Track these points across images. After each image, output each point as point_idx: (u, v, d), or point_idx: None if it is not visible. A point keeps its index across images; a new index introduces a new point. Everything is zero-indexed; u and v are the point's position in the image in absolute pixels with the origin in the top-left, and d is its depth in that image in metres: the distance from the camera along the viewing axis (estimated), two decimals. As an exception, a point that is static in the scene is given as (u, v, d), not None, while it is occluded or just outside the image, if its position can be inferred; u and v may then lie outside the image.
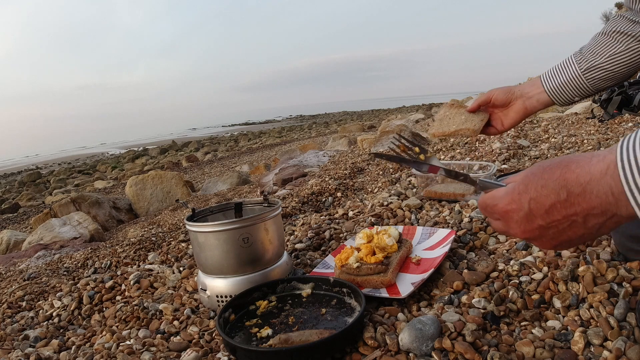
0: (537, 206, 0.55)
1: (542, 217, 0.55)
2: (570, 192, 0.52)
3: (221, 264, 0.90)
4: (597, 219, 0.52)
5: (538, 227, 0.56)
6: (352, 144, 5.58)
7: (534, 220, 0.56)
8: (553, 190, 0.54)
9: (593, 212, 0.51)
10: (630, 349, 0.58)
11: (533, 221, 0.56)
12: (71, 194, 7.15)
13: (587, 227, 0.53)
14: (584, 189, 0.51)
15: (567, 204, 0.53)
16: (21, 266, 2.13)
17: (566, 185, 0.52)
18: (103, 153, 26.87)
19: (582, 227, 0.53)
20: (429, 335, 0.65)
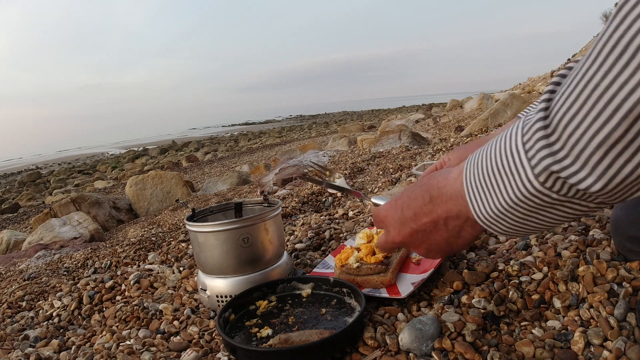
0: (408, 210, 0.60)
1: (413, 220, 0.60)
2: (432, 196, 0.57)
3: (221, 264, 0.90)
4: (455, 221, 0.56)
5: (410, 231, 0.61)
6: (352, 144, 5.58)
7: (407, 224, 0.61)
8: (419, 195, 0.59)
9: (451, 214, 0.55)
10: (630, 349, 0.58)
11: (406, 225, 0.61)
12: (71, 194, 7.15)
13: (449, 230, 0.57)
14: (441, 192, 0.56)
15: (431, 207, 0.57)
16: (21, 266, 2.13)
17: (429, 190, 0.57)
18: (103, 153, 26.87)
19: (444, 230, 0.58)
20: (429, 335, 0.65)
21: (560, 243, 0.87)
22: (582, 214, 0.44)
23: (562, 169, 0.39)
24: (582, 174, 0.39)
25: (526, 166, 0.42)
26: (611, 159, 0.37)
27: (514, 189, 0.44)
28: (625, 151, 0.36)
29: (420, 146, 3.29)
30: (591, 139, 0.37)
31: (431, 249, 0.62)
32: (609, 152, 0.37)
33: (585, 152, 0.38)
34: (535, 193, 0.42)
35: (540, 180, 0.41)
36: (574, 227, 0.96)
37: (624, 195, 0.39)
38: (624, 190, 0.39)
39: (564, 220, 0.45)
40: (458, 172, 0.53)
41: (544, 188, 0.41)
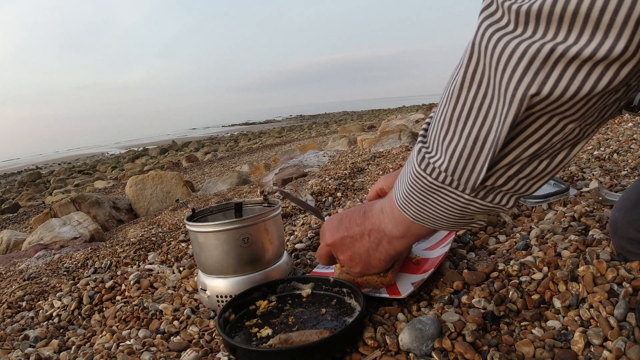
0: (346, 219, 0.72)
1: (346, 227, 0.71)
2: (366, 211, 0.70)
3: (221, 264, 0.90)
4: (376, 234, 0.68)
5: (342, 236, 0.72)
6: (352, 144, 5.58)
7: (340, 230, 0.72)
8: (358, 210, 0.72)
9: (374, 226, 0.67)
10: (630, 349, 0.58)
11: (340, 230, 0.72)
12: (71, 194, 7.15)
13: (371, 241, 0.69)
14: (372, 209, 0.69)
15: (362, 219, 0.69)
16: (21, 266, 2.13)
17: (365, 207, 0.70)
18: (103, 153, 26.87)
19: (367, 240, 0.69)
20: (429, 335, 0.65)
21: (560, 243, 0.87)
22: (465, 208, 0.53)
23: (427, 151, 0.52)
24: (437, 154, 0.51)
25: (414, 155, 0.55)
26: (449, 135, 0.49)
27: (409, 172, 0.56)
28: (456, 127, 0.48)
29: (420, 146, 3.29)
30: (437, 122, 0.50)
31: (354, 257, 0.72)
32: (447, 130, 0.49)
33: (434, 133, 0.51)
34: (417, 174, 0.54)
35: (418, 161, 0.53)
36: (574, 227, 0.96)
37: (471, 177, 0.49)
38: (467, 170, 0.48)
39: (455, 214, 0.55)
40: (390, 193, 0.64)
41: (421, 169, 0.53)
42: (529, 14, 0.37)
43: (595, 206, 1.06)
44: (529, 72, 0.39)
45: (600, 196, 1.07)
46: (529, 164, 0.48)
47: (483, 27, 0.42)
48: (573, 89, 0.38)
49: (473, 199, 0.51)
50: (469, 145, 0.47)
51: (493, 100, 0.44)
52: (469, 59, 0.44)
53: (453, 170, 0.49)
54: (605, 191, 1.07)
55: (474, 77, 0.45)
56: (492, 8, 0.41)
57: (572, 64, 0.37)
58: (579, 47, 0.36)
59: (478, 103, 0.45)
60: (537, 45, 0.38)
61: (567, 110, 0.41)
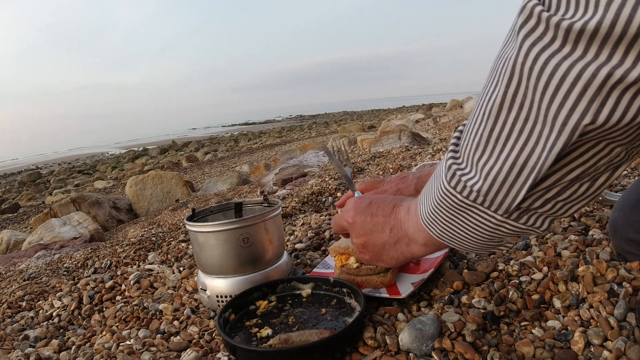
0: (374, 205, 0.70)
1: (372, 213, 0.70)
2: (396, 205, 0.68)
3: (221, 264, 0.90)
4: (398, 231, 0.66)
5: (363, 219, 0.71)
6: (352, 144, 5.58)
7: (366, 212, 0.71)
8: (389, 200, 0.69)
9: (397, 223, 0.66)
10: (630, 349, 0.58)
11: (364, 212, 0.71)
12: (71, 194, 7.15)
13: (390, 236, 0.67)
14: (401, 204, 0.67)
15: (390, 212, 0.68)
16: (21, 266, 2.13)
17: (397, 199, 0.68)
18: (103, 153, 26.88)
19: (387, 234, 0.68)
20: (429, 335, 0.65)
21: (560, 243, 0.87)
22: (496, 229, 0.51)
23: (459, 169, 0.50)
24: (471, 173, 0.48)
25: (444, 171, 0.52)
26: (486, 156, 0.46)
27: (437, 188, 0.54)
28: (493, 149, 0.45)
29: (420, 146, 3.29)
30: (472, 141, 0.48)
31: (367, 245, 0.71)
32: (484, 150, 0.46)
33: (469, 152, 0.48)
34: (446, 192, 0.51)
35: (448, 178, 0.51)
36: (574, 227, 0.96)
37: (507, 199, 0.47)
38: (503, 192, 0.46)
39: (484, 235, 0.53)
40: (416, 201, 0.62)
41: (450, 187, 0.51)
42: (582, 32, 0.35)
43: (595, 206, 1.06)
44: (583, 99, 0.37)
45: (600, 196, 1.07)
46: (569, 187, 0.46)
47: (526, 45, 0.38)
48: (630, 115, 0.36)
49: (505, 220, 0.49)
50: (507, 169, 0.45)
51: (536, 125, 0.41)
52: (510, 79, 0.41)
53: (487, 191, 0.47)
54: (605, 191, 1.07)
55: (515, 99, 0.42)
56: (531, 22, 0.38)
57: (630, 90, 0.35)
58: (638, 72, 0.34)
59: (519, 126, 0.43)
60: (591, 69, 0.35)
61: (619, 136, 0.39)
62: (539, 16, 0.37)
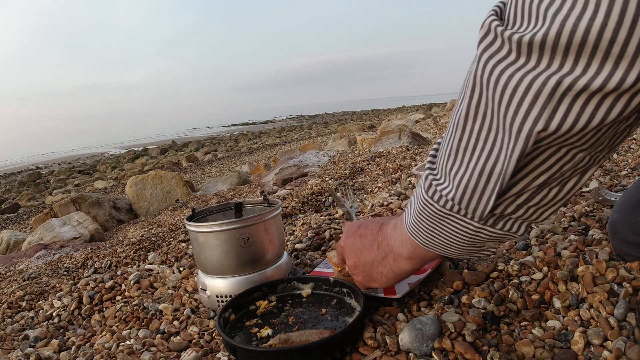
0: (362, 226, 0.73)
1: (361, 235, 0.72)
2: (382, 224, 0.70)
3: (221, 264, 0.90)
4: (385, 247, 0.67)
5: (353, 240, 0.73)
6: (352, 144, 5.58)
7: (355, 234, 0.73)
8: (377, 221, 0.72)
9: (384, 240, 0.68)
10: (630, 349, 0.58)
11: (354, 235, 0.74)
12: (71, 194, 7.15)
13: (378, 253, 0.69)
14: (388, 222, 0.69)
15: (377, 230, 0.70)
16: (21, 266, 2.13)
17: (383, 219, 0.71)
18: (103, 153, 26.87)
19: (376, 252, 0.69)
20: (429, 335, 0.65)
21: (560, 243, 0.87)
22: (475, 235, 0.53)
23: (434, 179, 0.52)
24: (445, 183, 0.50)
25: (422, 181, 0.55)
26: (457, 165, 0.48)
27: (418, 199, 0.56)
28: (463, 158, 0.47)
29: (420, 146, 3.29)
30: (444, 151, 0.50)
31: (358, 265, 0.73)
32: (454, 160, 0.48)
33: (442, 162, 0.51)
34: (424, 201, 0.54)
35: (425, 188, 0.53)
36: (574, 227, 0.96)
37: (479, 206, 0.48)
38: (475, 200, 0.48)
39: (465, 241, 0.55)
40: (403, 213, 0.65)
41: (428, 197, 0.53)
42: (531, 44, 0.36)
43: (595, 206, 1.06)
44: (534, 107, 0.38)
45: (600, 196, 1.07)
46: (539, 192, 0.47)
47: (484, 58, 0.40)
48: (582, 122, 0.37)
49: (482, 227, 0.51)
50: (476, 177, 0.46)
51: (498, 133, 0.43)
52: (472, 91, 0.43)
53: (460, 199, 0.49)
54: (605, 191, 1.07)
55: (478, 110, 0.44)
56: (489, 37, 0.40)
57: (580, 97, 0.36)
58: (587, 79, 0.34)
59: (484, 135, 0.45)
60: (542, 79, 0.36)
61: (577, 141, 0.40)
62: (495, 31, 0.39)
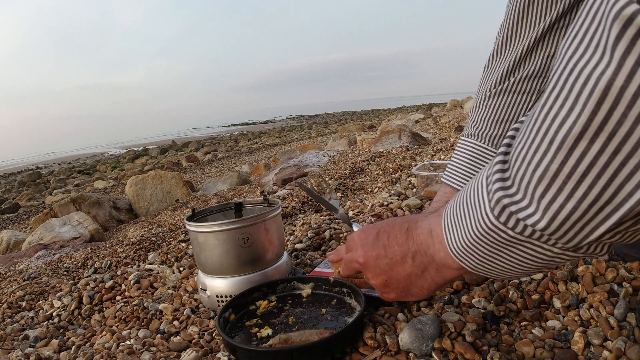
0: (384, 235, 0.60)
1: (384, 245, 0.60)
2: (409, 228, 0.58)
3: (221, 264, 0.90)
4: (422, 257, 0.56)
5: (377, 255, 0.60)
6: (352, 144, 5.58)
7: (377, 247, 0.60)
8: (398, 224, 0.60)
9: (420, 248, 0.56)
10: (630, 349, 0.58)
11: (375, 247, 0.61)
12: (71, 194, 7.15)
13: (415, 265, 0.57)
14: (417, 226, 0.57)
15: (405, 237, 0.58)
16: (21, 266, 2.13)
17: (408, 222, 0.59)
18: (103, 153, 26.87)
19: (411, 265, 0.57)
20: (429, 335, 0.65)
21: (560, 243, 0.87)
22: (551, 260, 0.44)
23: (511, 202, 0.40)
24: (530, 209, 0.40)
25: (485, 200, 0.43)
26: (553, 193, 0.38)
27: (476, 221, 0.45)
28: (565, 185, 0.37)
29: (420, 146, 3.29)
30: (533, 173, 0.38)
31: (390, 283, 0.61)
32: (550, 186, 0.38)
33: (529, 186, 0.39)
34: (492, 227, 0.43)
35: (495, 214, 0.42)
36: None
37: (577, 237, 0.39)
38: (575, 231, 0.39)
39: (536, 266, 0.46)
40: (436, 214, 0.54)
41: (499, 223, 0.42)
42: None
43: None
44: None
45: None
46: None
47: (630, 64, 0.31)
48: None
49: (564, 252, 0.42)
50: (584, 207, 0.37)
51: (631, 158, 0.34)
52: (599, 103, 0.33)
53: (554, 230, 0.39)
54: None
55: (604, 128, 0.34)
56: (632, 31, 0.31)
57: None
58: None
59: (604, 160, 0.35)
60: None
61: None
62: None
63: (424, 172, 1.49)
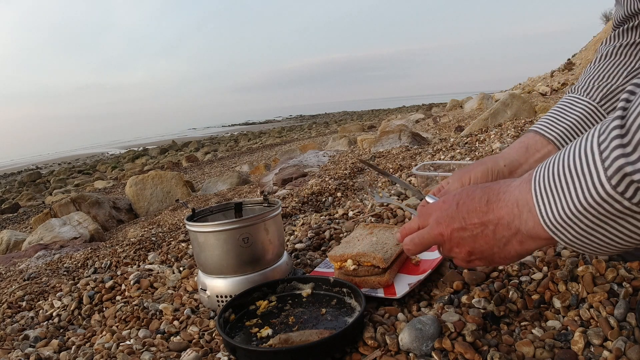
0: (463, 207, 0.58)
1: (464, 218, 0.58)
2: (489, 200, 0.55)
3: (221, 264, 0.90)
4: (504, 231, 0.54)
5: (459, 227, 0.58)
6: (352, 144, 5.58)
7: (457, 219, 0.58)
8: (478, 196, 0.57)
9: (502, 221, 0.54)
10: (630, 349, 0.58)
11: (455, 220, 0.59)
12: (71, 194, 7.15)
13: (496, 239, 0.56)
14: (499, 197, 0.55)
15: (485, 209, 0.56)
16: (21, 266, 2.13)
17: (488, 193, 0.56)
18: (103, 153, 26.88)
19: (492, 237, 0.56)
20: (429, 335, 0.65)
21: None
22: None
23: (635, 170, 0.37)
24: None
25: (599, 167, 0.40)
26: None
27: (585, 191, 0.42)
28: None
29: (420, 146, 3.29)
30: None
31: (474, 253, 0.59)
32: None
33: None
34: (606, 197, 0.40)
35: (613, 183, 0.39)
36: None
37: None
38: None
39: (636, 241, 0.43)
40: (522, 181, 0.52)
41: (616, 193, 0.39)
42: None
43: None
44: None
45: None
46: None
47: None
48: None
49: None
50: None
51: None
52: None
53: None
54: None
55: None
56: None
57: None
58: None
59: None
60: None
61: None
62: None
63: (424, 172, 1.49)
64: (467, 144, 2.64)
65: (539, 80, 10.53)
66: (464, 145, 2.59)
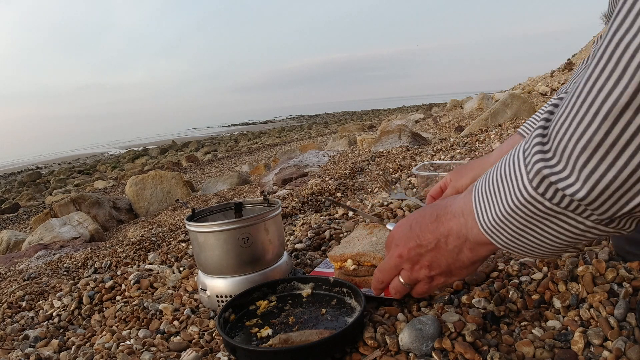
0: (416, 226, 0.61)
1: (418, 236, 0.61)
2: (439, 215, 0.59)
3: (221, 264, 0.90)
4: (455, 241, 0.57)
5: (415, 245, 0.61)
6: (352, 144, 5.58)
7: (413, 238, 0.61)
8: (428, 213, 0.61)
9: (451, 232, 0.57)
10: (630, 349, 0.58)
11: (411, 239, 0.62)
12: (71, 194, 7.15)
13: (449, 250, 0.58)
14: (446, 211, 0.58)
15: (436, 224, 0.59)
16: (21, 266, 2.13)
17: (437, 209, 0.60)
18: (103, 153, 26.87)
19: (445, 249, 0.59)
20: (429, 335, 0.65)
21: (560, 243, 0.87)
22: (581, 235, 0.45)
23: (551, 173, 0.42)
24: (570, 179, 0.41)
25: (523, 171, 0.44)
26: (595, 163, 0.39)
27: (512, 194, 0.46)
28: (607, 155, 0.38)
29: (420, 146, 3.29)
30: (576, 143, 0.40)
31: (433, 267, 0.62)
32: (592, 155, 0.39)
33: (572, 156, 0.40)
34: (529, 199, 0.44)
35: (534, 184, 0.43)
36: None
37: (613, 208, 0.41)
38: (612, 201, 0.40)
39: (564, 242, 0.47)
40: (466, 192, 0.56)
41: (537, 194, 0.43)
42: None
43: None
44: None
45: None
46: None
47: None
48: None
49: (595, 226, 0.43)
50: (623, 177, 0.39)
51: None
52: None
53: (592, 200, 0.41)
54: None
55: None
56: None
57: None
58: None
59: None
60: None
61: None
62: None
63: (424, 172, 1.49)
64: (467, 144, 2.64)
65: (539, 80, 10.53)
66: (464, 145, 2.59)
